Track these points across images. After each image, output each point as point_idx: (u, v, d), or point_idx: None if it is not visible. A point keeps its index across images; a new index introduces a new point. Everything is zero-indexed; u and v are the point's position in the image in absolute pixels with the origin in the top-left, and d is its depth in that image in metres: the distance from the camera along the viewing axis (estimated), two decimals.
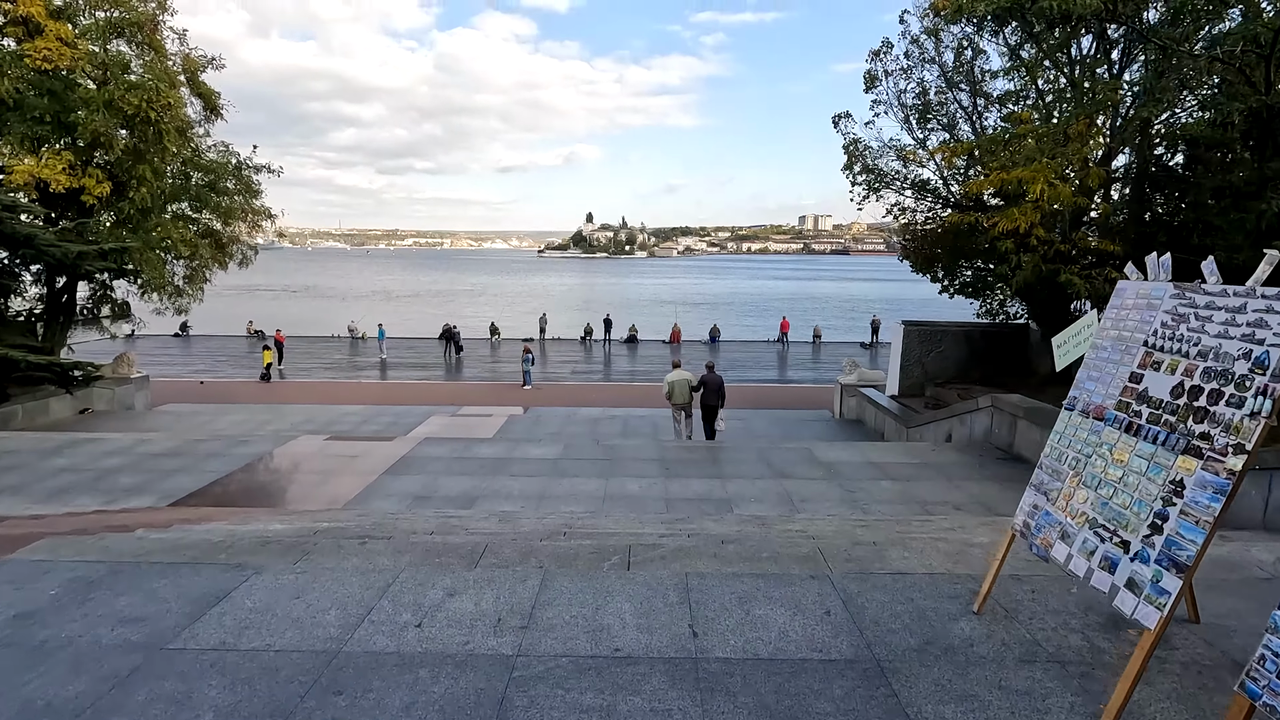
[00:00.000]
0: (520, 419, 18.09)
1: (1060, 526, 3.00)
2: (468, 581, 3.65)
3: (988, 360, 17.60)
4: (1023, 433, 10.15)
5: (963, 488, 8.89)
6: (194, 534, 4.74)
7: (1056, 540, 2.99)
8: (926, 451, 10.77)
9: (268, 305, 68.87)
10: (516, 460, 9.95)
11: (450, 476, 9.18)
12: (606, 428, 17.11)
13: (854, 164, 17.95)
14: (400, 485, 8.82)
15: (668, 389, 12.83)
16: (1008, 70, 12.66)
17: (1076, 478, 3.01)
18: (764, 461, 10.07)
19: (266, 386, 24.36)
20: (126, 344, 36.12)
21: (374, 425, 16.98)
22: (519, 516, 6.97)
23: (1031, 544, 3.15)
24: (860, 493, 8.65)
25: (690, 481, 9.03)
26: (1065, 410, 3.27)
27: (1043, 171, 8.13)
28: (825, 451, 10.60)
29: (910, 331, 17.51)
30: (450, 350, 31.78)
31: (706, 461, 9.99)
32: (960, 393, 16.19)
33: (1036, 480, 3.28)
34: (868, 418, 17.53)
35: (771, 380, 27.37)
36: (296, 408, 19.76)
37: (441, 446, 10.59)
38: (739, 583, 3.67)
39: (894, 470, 9.67)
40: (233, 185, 18.94)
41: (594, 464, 9.79)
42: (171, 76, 16.25)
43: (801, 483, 9.04)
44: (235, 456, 9.98)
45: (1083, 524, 2.87)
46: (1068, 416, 3.24)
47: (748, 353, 34.43)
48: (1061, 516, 3.01)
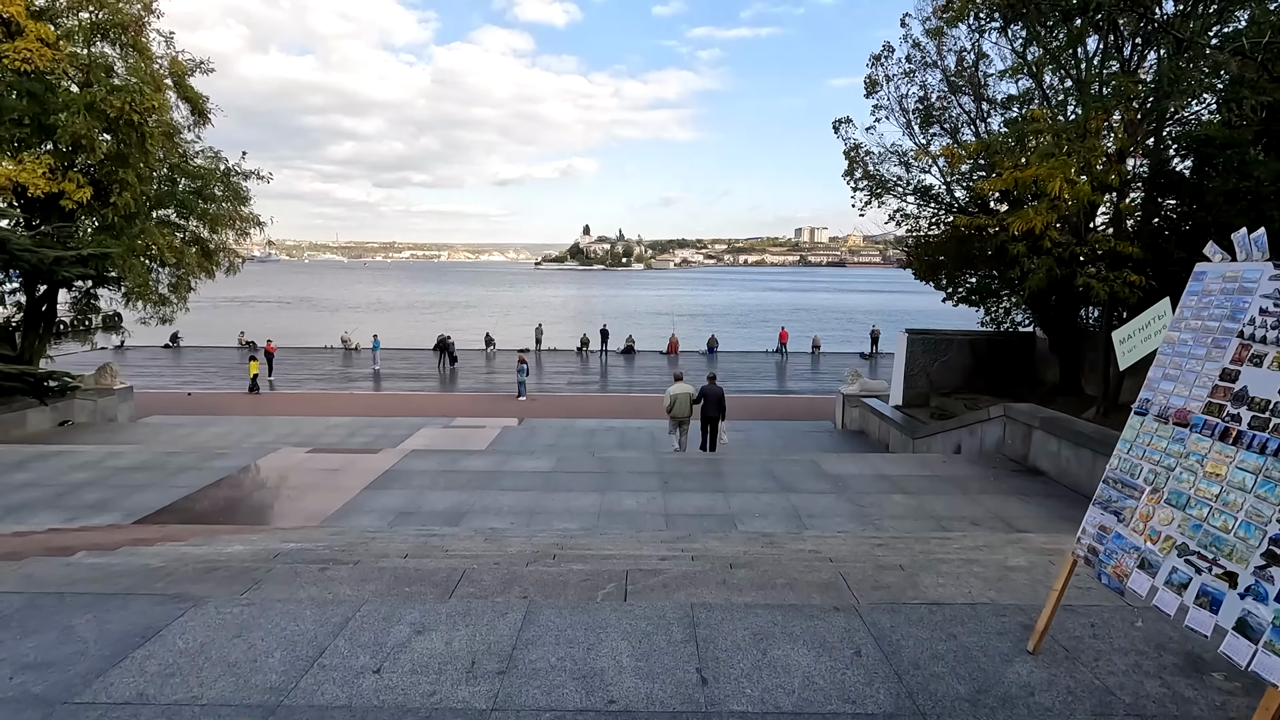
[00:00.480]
0: (514, 431, 17.57)
1: (1138, 553, 2.52)
2: (439, 616, 3.15)
3: (993, 370, 17.19)
4: (1038, 443, 9.68)
5: (979, 502, 8.41)
6: (139, 558, 4.23)
7: (1134, 569, 2.51)
8: (937, 463, 10.29)
9: (261, 317, 68.30)
10: (508, 474, 9.44)
11: (437, 491, 8.67)
12: (603, 439, 16.60)
13: (855, 169, 17.62)
14: (383, 501, 8.31)
15: (669, 402, 12.51)
16: (1015, 69, 12.31)
17: (1156, 495, 2.54)
18: (768, 474, 9.58)
19: (255, 398, 23.80)
20: (115, 355, 35.62)
21: (362, 437, 16.44)
22: (507, 535, 6.47)
23: (1100, 573, 2.68)
24: (871, 508, 8.16)
25: (691, 496, 8.53)
26: (1136, 415, 2.80)
27: (1061, 168, 7.74)
28: (832, 464, 10.11)
29: (914, 340, 17.09)
30: (444, 361, 31.27)
31: (708, 475, 9.50)
32: (966, 403, 15.75)
33: (1102, 497, 2.81)
34: (871, 429, 17.05)
35: (771, 391, 26.91)
36: (284, 420, 19.21)
37: (429, 459, 10.08)
38: (753, 616, 3.18)
39: (905, 483, 9.19)
40: (220, 192, 18.48)
41: (589, 477, 9.29)
42: (157, 79, 15.84)
43: (809, 497, 8.54)
44: (209, 471, 9.45)
45: (1169, 550, 2.40)
46: (1139, 423, 2.77)
47: (746, 363, 33.99)
48: (1139, 541, 2.54)
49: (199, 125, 17.64)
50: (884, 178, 17.27)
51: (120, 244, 15.48)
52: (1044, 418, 9.62)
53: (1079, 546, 2.82)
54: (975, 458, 10.68)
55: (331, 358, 34.75)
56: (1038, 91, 14.72)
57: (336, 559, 4.07)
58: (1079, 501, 8.38)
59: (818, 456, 10.56)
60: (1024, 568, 3.99)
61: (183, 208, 17.97)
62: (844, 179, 18.02)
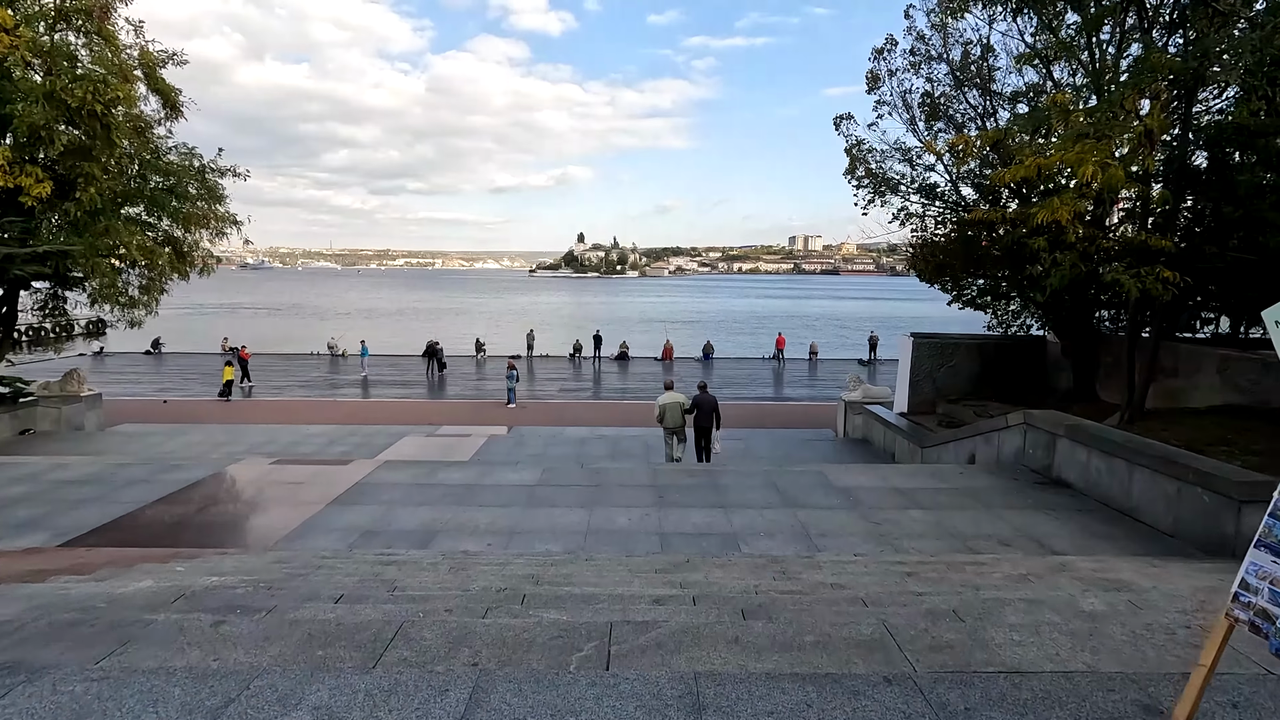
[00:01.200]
0: (501, 439, 16.73)
1: None
2: (354, 696, 2.33)
3: (1002, 375, 16.47)
4: (1064, 453, 8.92)
5: (1004, 518, 7.63)
6: (5, 601, 3.40)
7: None
8: (953, 475, 9.52)
9: (248, 323, 67.22)
10: (488, 487, 8.61)
11: (408, 507, 7.83)
12: (594, 448, 15.78)
13: (857, 167, 16.95)
14: (347, 518, 7.47)
15: (659, 412, 11.88)
16: (1026, 57, 11.64)
17: None
18: (772, 487, 8.78)
19: (231, 406, 22.88)
20: (95, 361, 34.64)
21: (341, 446, 15.57)
22: (478, 561, 5.65)
23: (1276, 643, 1.89)
24: (887, 525, 7.37)
25: (689, 512, 7.73)
26: None
27: (1092, 153, 7.04)
28: (840, 475, 9.32)
29: (920, 345, 16.37)
30: (433, 367, 30.41)
31: (707, 488, 8.69)
32: (975, 409, 15.02)
33: (1269, 537, 2.03)
34: (876, 437, 16.28)
35: (769, 398, 26.16)
36: (260, 428, 18.33)
37: (404, 471, 9.23)
38: (779, 693, 2.37)
39: (921, 497, 8.41)
40: (195, 189, 17.64)
41: (577, 491, 8.47)
42: (125, 70, 15.02)
43: (818, 513, 7.75)
44: (160, 484, 8.58)
45: None
46: None
47: (743, 370, 33.25)
48: None
49: (171, 119, 16.79)
50: (887, 176, 16.60)
51: (83, 241, 14.61)
52: (1070, 425, 8.86)
53: (1238, 606, 2.03)
54: (993, 469, 9.91)
55: (317, 364, 33.82)
56: (1049, 83, 14.10)
57: (249, 604, 3.25)
58: (1113, 517, 7.63)
59: (824, 467, 9.78)
60: (1106, 613, 3.20)
61: (154, 205, 17.10)
62: (845, 177, 17.36)
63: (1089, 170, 7.06)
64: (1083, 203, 8.23)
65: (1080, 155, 7.21)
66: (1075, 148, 7.51)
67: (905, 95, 16.63)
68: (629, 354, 35.91)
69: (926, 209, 16.63)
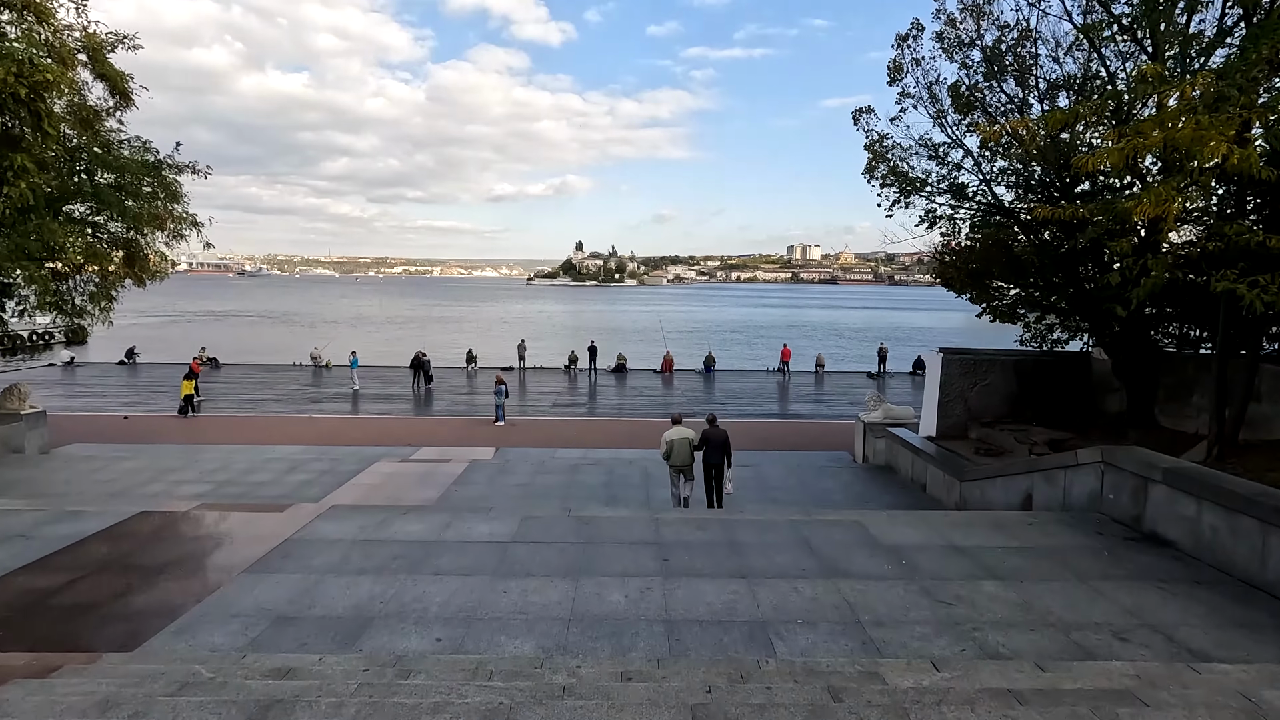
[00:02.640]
0: (484, 466, 15.02)
1: None
2: None
3: (1042, 395, 14.84)
4: (1162, 503, 7.25)
5: (1106, 594, 5.96)
6: None
7: None
8: (1020, 527, 7.84)
9: (232, 331, 65.47)
10: (451, 545, 6.92)
11: (344, 577, 6.14)
12: (587, 476, 14.09)
13: (878, 165, 15.38)
14: (260, 594, 5.77)
15: (665, 449, 10.50)
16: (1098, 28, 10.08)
17: None
18: (802, 544, 7.10)
19: (195, 424, 21.13)
20: (65, 372, 32.90)
21: (300, 475, 13.87)
22: (415, 677, 3.96)
23: None
24: (962, 605, 5.69)
25: (701, 585, 6.04)
26: None
27: (1216, 128, 5.47)
28: (884, 528, 7.64)
29: (951, 362, 14.74)
30: (419, 380, 28.70)
31: (722, 547, 7.01)
32: (1015, 435, 13.39)
33: None
34: (902, 464, 14.61)
35: (774, 415, 24.47)
36: (219, 450, 16.61)
37: (351, 521, 7.54)
38: None
39: (990, 561, 6.73)
40: (149, 188, 16.00)
41: (561, 551, 6.79)
42: (63, 53, 13.40)
43: (866, 586, 6.07)
44: (40, 541, 6.89)
45: None
46: None
47: (747, 384, 31.58)
48: None
49: (121, 108, 15.16)
50: (912, 175, 15.02)
51: (9, 242, 12.94)
52: (1170, 469, 7.19)
53: None
54: (1064, 518, 8.23)
55: (298, 376, 32.08)
56: (1101, 69, 12.57)
57: None
58: (1245, 593, 5.97)
59: (863, 517, 8.09)
60: None
61: (102, 204, 15.44)
62: (865, 177, 15.78)
63: (1215, 148, 5.48)
64: (1199, 192, 6.68)
65: (1198, 132, 5.63)
66: (1183, 124, 5.93)
67: (931, 86, 15.09)
68: (626, 366, 34.23)
69: (956, 210, 15.05)
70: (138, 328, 62.24)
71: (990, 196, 14.45)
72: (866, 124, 15.80)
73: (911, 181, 14.85)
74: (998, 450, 13.01)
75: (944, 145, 15.02)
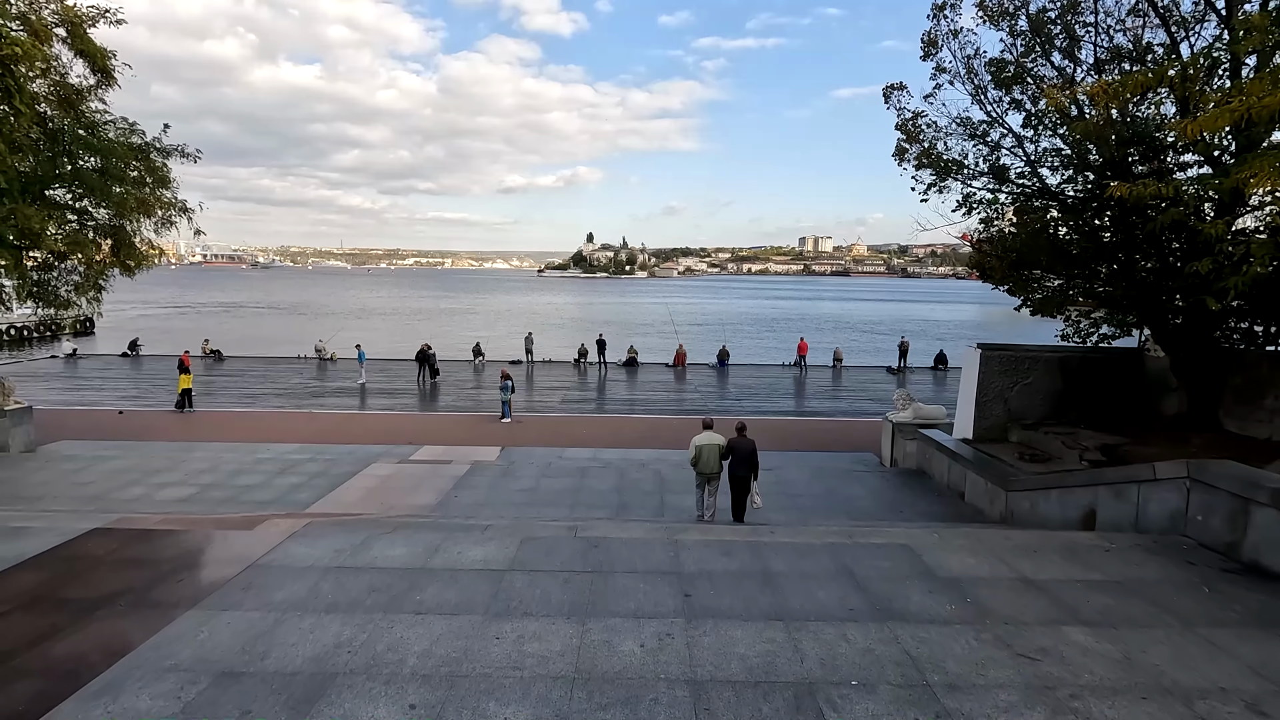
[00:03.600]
0: (487, 468, 14.12)
1: None
2: None
3: (1089, 395, 13.71)
4: (1267, 528, 6.19)
5: (1223, 647, 4.93)
6: None
7: None
8: (1096, 554, 6.79)
9: (241, 322, 65.02)
10: (438, 574, 5.98)
11: (309, 616, 5.22)
12: (596, 481, 13.15)
13: (911, 146, 14.26)
14: (206, 641, 4.85)
15: (694, 455, 9.91)
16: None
17: None
18: (845, 575, 6.10)
19: (190, 420, 20.38)
20: (66, 364, 32.37)
21: (292, 476, 13.03)
22: None
23: None
24: (1050, 661, 4.68)
25: (732, 630, 5.07)
26: None
27: None
28: (938, 555, 6.62)
29: (990, 359, 13.63)
30: (424, 374, 27.89)
31: (753, 578, 6.02)
32: (1063, 439, 12.30)
33: None
34: (936, 469, 13.55)
35: (791, 411, 23.42)
36: (211, 448, 15.82)
37: (326, 541, 6.62)
38: None
39: (1073, 600, 5.70)
40: (136, 172, 15.14)
41: (565, 583, 5.83)
42: (36, 25, 12.54)
43: (929, 633, 5.07)
44: None
45: None
46: None
47: (762, 379, 30.50)
48: None
49: (103, 86, 14.30)
50: (947, 157, 13.88)
51: None
52: (1276, 490, 6.13)
53: None
54: (1145, 543, 7.16)
55: (302, 369, 31.35)
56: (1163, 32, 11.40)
57: None
58: None
59: (912, 538, 7.07)
60: None
61: (85, 189, 14.60)
62: (895, 159, 14.67)
63: None
64: None
65: None
66: None
67: (970, 60, 13.90)
68: (638, 360, 33.23)
69: (996, 195, 13.89)
70: (145, 319, 62.03)
71: (1035, 179, 13.29)
72: (898, 102, 14.65)
73: (948, 164, 13.72)
74: (1043, 456, 11.93)
75: (983, 124, 13.87)
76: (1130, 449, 11.15)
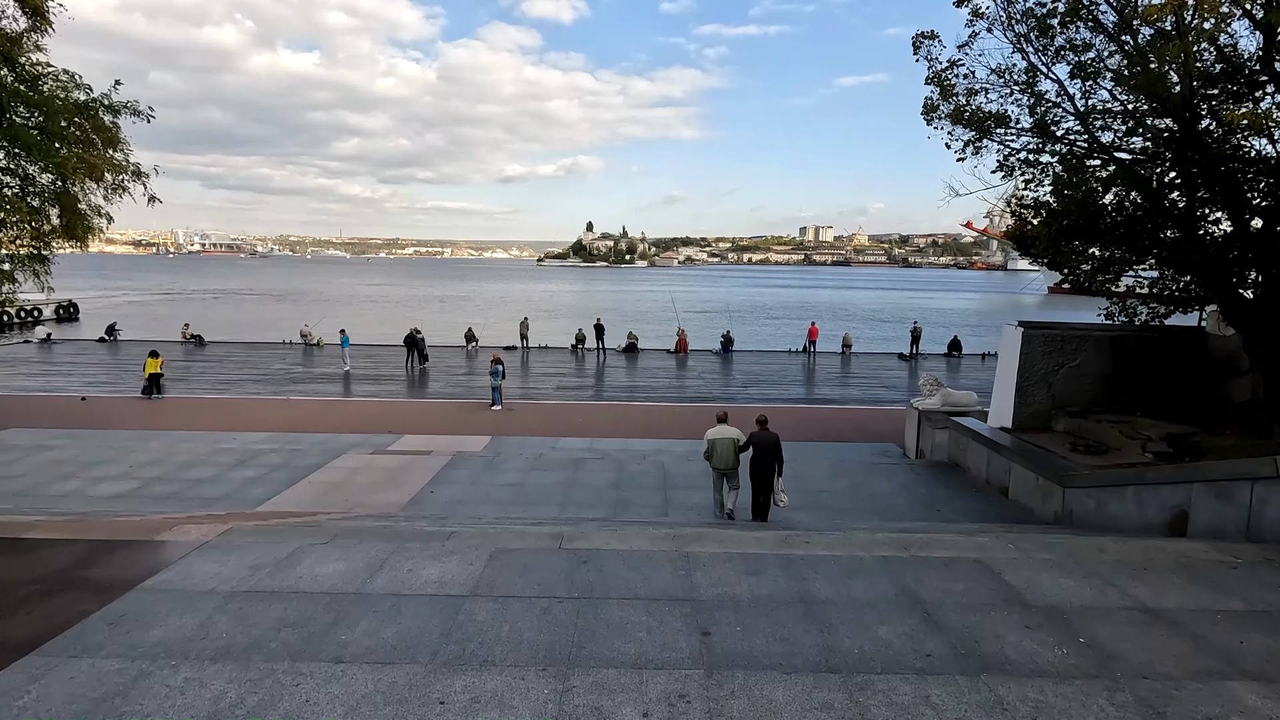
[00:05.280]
0: (470, 459, 12.70)
1: None
2: None
3: (1144, 379, 12.26)
4: None
5: None
6: None
7: None
8: (1222, 573, 5.37)
9: (227, 309, 63.47)
10: (376, 599, 4.56)
11: (186, 666, 3.79)
12: (592, 476, 11.72)
13: (944, 102, 12.75)
14: (26, 708, 3.43)
15: (707, 448, 8.98)
16: None
17: None
18: (910, 602, 4.68)
19: (157, 406, 18.93)
20: (40, 349, 30.91)
21: (250, 469, 11.61)
22: None
23: None
24: None
25: (768, 686, 3.64)
26: None
27: None
28: (1024, 574, 5.19)
29: (1033, 338, 12.17)
30: (413, 359, 26.42)
31: (790, 605, 4.59)
32: (1120, 428, 10.87)
33: None
34: (972, 462, 12.13)
35: (802, 399, 21.96)
36: (169, 437, 14.40)
37: (243, 554, 5.20)
38: None
39: (1219, 640, 4.28)
40: (81, 131, 13.61)
41: (543, 615, 4.40)
42: None
43: (1040, 691, 3.64)
44: None
45: None
46: None
47: (767, 365, 29.04)
48: None
49: (38, 31, 12.77)
50: (984, 113, 12.37)
51: None
52: None
53: None
54: (1275, 555, 5.73)
55: (285, 355, 29.87)
56: None
57: None
58: None
59: (981, 550, 5.64)
60: None
61: (21, 148, 13.07)
62: (925, 119, 13.16)
63: None
64: None
65: None
66: None
67: (1009, 4, 12.36)
68: (638, 346, 31.76)
69: (1039, 154, 12.39)
70: (132, 304, 60.52)
71: (1088, 136, 11.78)
72: (928, 52, 13.08)
73: (986, 119, 12.20)
74: (1099, 447, 10.51)
75: (1027, 74, 12.33)
76: (1202, 440, 9.73)
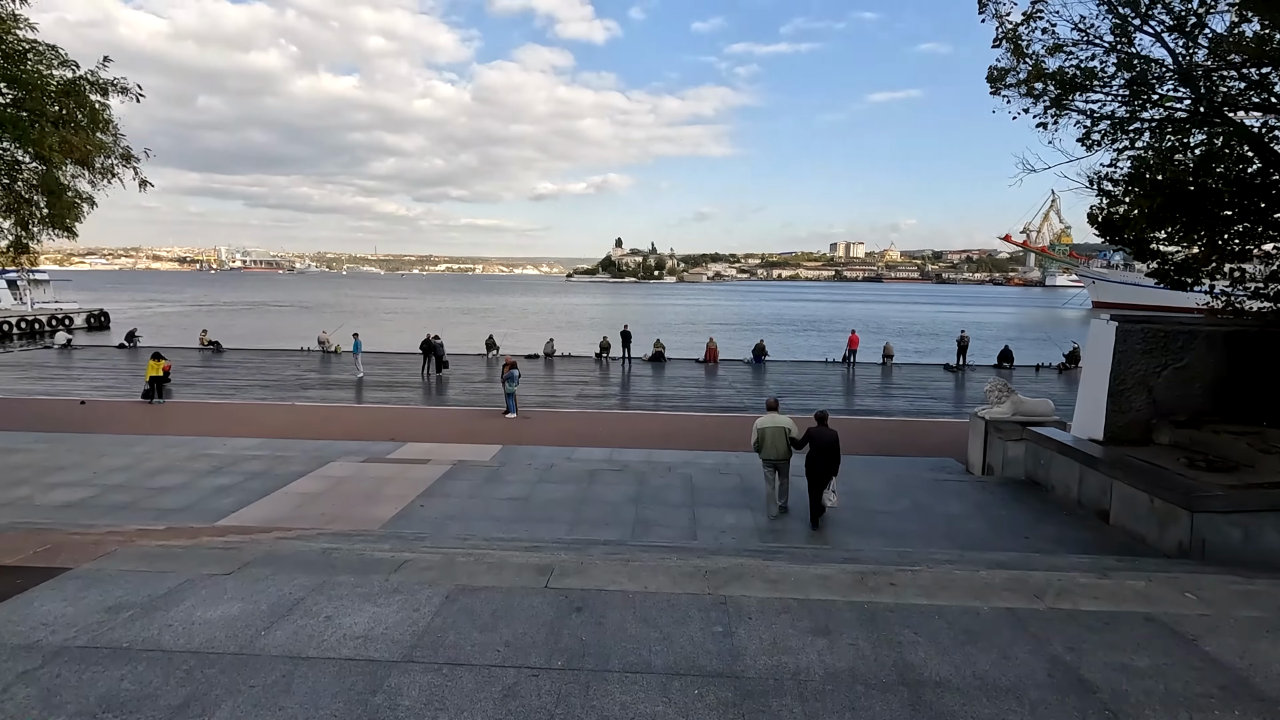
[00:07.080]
0: (472, 469, 11.23)
1: None
2: None
3: (1264, 382, 10.26)
4: None
5: None
6: None
7: None
8: None
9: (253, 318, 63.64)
10: (264, 664, 3.05)
11: None
12: (609, 489, 10.14)
13: (1018, 65, 11.13)
14: None
15: (756, 438, 8.64)
16: None
17: None
18: (1073, 688, 3.00)
19: (155, 411, 17.93)
20: (60, 354, 30.56)
21: (225, 477, 10.30)
22: None
23: None
24: None
25: None
26: None
27: None
28: (1229, 642, 3.48)
29: (1130, 333, 10.28)
30: (429, 366, 25.22)
31: (883, 690, 2.95)
32: (1248, 440, 8.93)
33: None
34: (1057, 480, 10.25)
35: (843, 410, 20.10)
36: (154, 442, 13.26)
37: (107, 588, 3.77)
38: None
39: None
40: (65, 110, 12.67)
41: (503, 702, 2.83)
42: None
43: None
44: None
45: None
46: None
47: (803, 375, 27.19)
48: None
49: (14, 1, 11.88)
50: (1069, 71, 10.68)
51: None
52: None
53: None
54: None
55: (301, 361, 28.99)
56: None
57: None
58: None
59: (1150, 602, 3.94)
60: None
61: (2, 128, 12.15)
62: (993, 88, 11.52)
63: None
64: None
65: None
66: None
67: None
68: (665, 355, 30.16)
69: (1132, 119, 10.62)
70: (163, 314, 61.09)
71: (1194, 95, 9.98)
72: (996, 9, 11.47)
73: (1073, 77, 10.49)
74: (1222, 463, 8.61)
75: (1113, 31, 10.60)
76: None
